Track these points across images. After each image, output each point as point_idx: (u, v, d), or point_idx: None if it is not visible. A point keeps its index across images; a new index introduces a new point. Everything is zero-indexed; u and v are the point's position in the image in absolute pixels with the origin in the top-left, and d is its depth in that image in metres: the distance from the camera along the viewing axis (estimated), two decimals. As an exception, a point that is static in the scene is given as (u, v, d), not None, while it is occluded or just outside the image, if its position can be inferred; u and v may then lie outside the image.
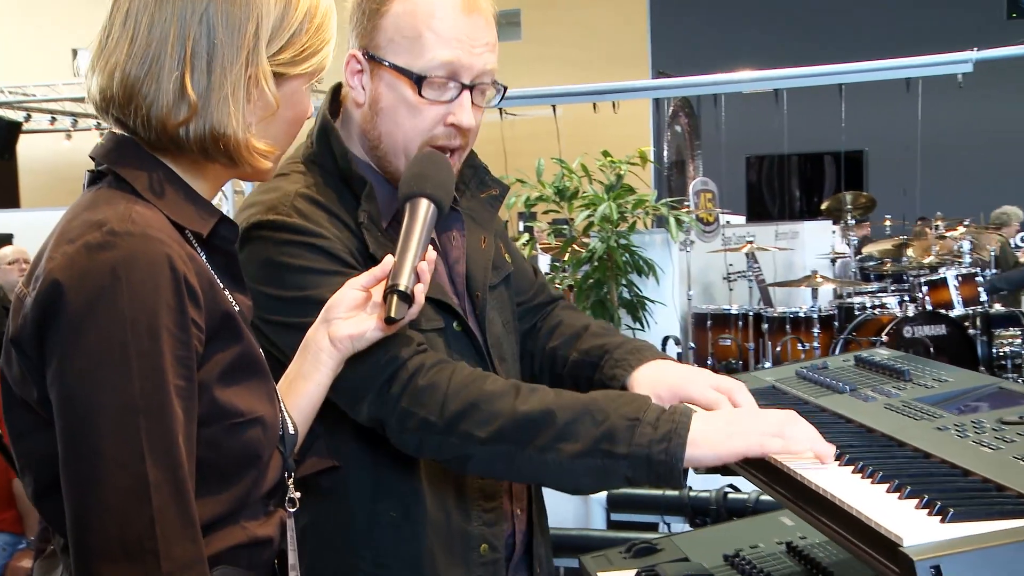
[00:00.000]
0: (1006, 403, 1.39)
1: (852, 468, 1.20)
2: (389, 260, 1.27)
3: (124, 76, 1.05)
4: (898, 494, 1.10)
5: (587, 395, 1.34)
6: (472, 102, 1.44)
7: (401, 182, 1.37)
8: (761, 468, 1.30)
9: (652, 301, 6.04)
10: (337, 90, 1.54)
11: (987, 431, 1.25)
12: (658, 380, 1.48)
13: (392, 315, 1.22)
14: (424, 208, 1.31)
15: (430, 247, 1.30)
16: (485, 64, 1.43)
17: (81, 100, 10.55)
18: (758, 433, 1.26)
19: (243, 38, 1.06)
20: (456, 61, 1.40)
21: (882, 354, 1.71)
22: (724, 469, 1.58)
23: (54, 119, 9.99)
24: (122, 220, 0.99)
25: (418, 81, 1.40)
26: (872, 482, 1.15)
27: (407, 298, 1.23)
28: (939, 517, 1.02)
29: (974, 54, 5.93)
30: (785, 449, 1.25)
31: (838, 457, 1.24)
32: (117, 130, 1.10)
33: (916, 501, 1.07)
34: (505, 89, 1.49)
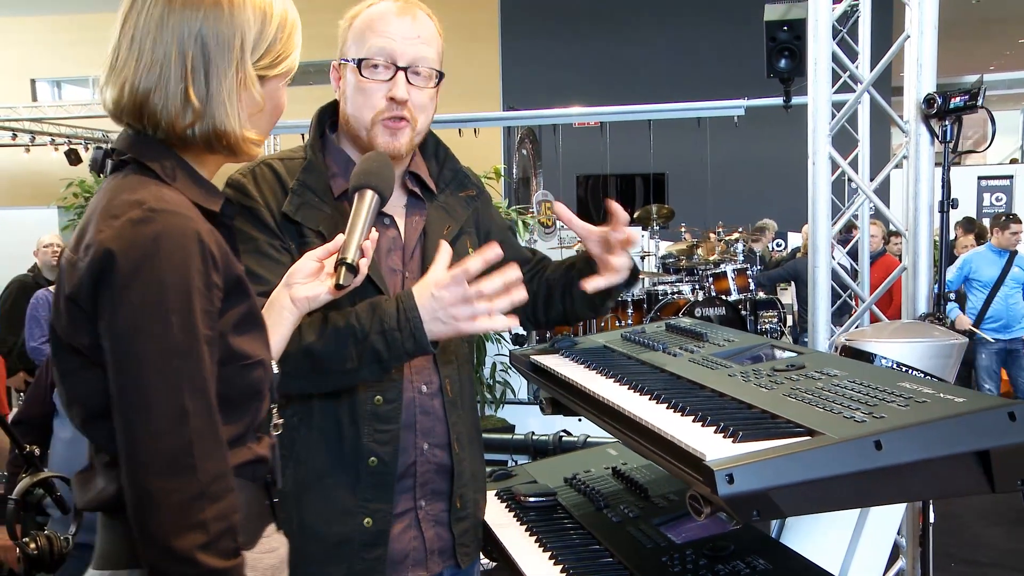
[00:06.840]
0: (776, 357, 1.47)
1: (666, 406, 1.23)
2: (340, 238, 1.28)
3: (134, 89, 1.04)
4: (701, 424, 1.14)
5: (344, 322, 1.35)
6: (410, 83, 1.46)
7: (352, 175, 1.36)
8: (600, 409, 1.34)
9: (504, 287, 6.09)
10: None
11: (764, 377, 1.30)
12: None
13: (340, 282, 1.24)
14: (369, 198, 1.31)
15: (372, 229, 1.30)
16: (417, 52, 1.46)
17: (38, 120, 10.18)
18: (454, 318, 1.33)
19: (232, 51, 1.05)
20: (388, 47, 1.44)
21: (685, 322, 1.77)
22: (565, 411, 1.63)
23: (15, 135, 9.94)
24: (157, 200, 0.99)
25: (358, 64, 1.45)
26: (682, 415, 1.18)
27: (353, 269, 1.25)
28: (731, 439, 1.06)
29: (745, 102, 6.27)
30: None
31: (656, 397, 1.27)
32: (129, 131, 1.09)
33: (714, 428, 1.11)
34: (442, 74, 1.50)
